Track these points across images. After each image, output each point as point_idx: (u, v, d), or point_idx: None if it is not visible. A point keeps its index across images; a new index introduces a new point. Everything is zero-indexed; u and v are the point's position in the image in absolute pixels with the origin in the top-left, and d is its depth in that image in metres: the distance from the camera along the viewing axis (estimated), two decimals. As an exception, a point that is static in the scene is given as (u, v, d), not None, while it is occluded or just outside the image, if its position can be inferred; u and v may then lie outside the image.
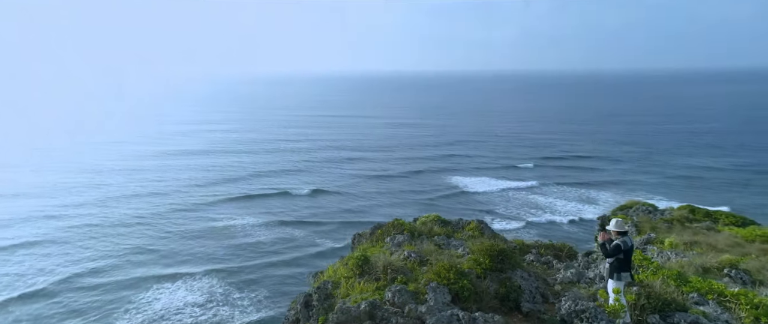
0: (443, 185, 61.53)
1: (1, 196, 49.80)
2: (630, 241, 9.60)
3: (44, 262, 34.69)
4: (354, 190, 58.71)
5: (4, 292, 29.97)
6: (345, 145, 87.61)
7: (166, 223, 44.52)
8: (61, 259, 35.58)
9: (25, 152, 73.99)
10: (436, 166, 71.56)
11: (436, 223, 14.41)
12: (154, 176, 60.59)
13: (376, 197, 56.46)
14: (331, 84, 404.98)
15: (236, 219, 46.22)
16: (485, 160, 76.80)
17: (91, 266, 34.35)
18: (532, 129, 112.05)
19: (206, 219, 46.37)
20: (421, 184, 62.35)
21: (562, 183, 62.31)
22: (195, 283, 32.58)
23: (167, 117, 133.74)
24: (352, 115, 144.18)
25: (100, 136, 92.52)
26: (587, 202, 55.75)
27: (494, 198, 56.48)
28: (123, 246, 38.56)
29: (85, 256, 36.34)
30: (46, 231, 40.62)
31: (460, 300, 9.66)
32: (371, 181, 62.94)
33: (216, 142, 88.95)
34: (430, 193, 57.83)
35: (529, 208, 52.57)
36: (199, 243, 40.27)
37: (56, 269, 33.63)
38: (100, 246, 38.27)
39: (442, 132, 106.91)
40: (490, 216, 50.33)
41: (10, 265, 33.95)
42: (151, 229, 42.49)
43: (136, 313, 29.05)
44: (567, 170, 70.11)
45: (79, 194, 51.50)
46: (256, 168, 66.93)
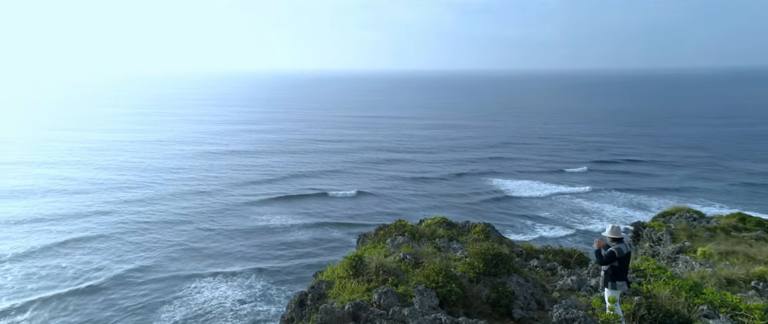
0: (485, 189, 60.35)
1: (56, 191, 53.68)
2: (626, 248, 9.12)
3: (95, 257, 37.21)
4: (393, 192, 58.78)
5: (62, 284, 32.34)
6: (383, 145, 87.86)
7: (208, 222, 46.48)
8: (110, 253, 38.05)
9: (77, 150, 79.38)
10: (478, 168, 70.37)
11: (440, 225, 14.27)
12: (197, 175, 63.44)
13: (414, 200, 56.27)
14: (367, 84, 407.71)
15: (276, 219, 47.55)
16: (530, 163, 74.71)
17: (139, 262, 36.49)
18: (580, 131, 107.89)
19: (246, 218, 47.99)
20: (462, 187, 61.45)
21: (613, 189, 59.61)
22: (235, 280, 33.90)
23: (210, 116, 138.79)
24: (390, 115, 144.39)
25: (146, 135, 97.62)
26: (639, 209, 53.01)
27: (540, 203, 54.77)
28: (167, 242, 40.68)
29: (132, 251, 38.65)
30: (97, 226, 43.55)
31: (448, 304, 9.55)
32: (410, 184, 62.77)
33: (256, 142, 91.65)
34: (471, 197, 56.89)
35: (578, 215, 50.68)
36: (240, 241, 41.74)
37: (105, 264, 36.00)
38: (146, 242, 40.59)
39: (484, 133, 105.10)
40: (535, 222, 49.02)
41: (65, 258, 36.68)
42: (193, 227, 44.55)
43: (179, 305, 30.67)
44: (618, 175, 67.01)
45: (127, 191, 54.86)
46: (296, 168, 68.51)
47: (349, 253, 11.29)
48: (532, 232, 46.56)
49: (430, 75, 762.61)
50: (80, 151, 77.81)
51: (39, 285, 32.04)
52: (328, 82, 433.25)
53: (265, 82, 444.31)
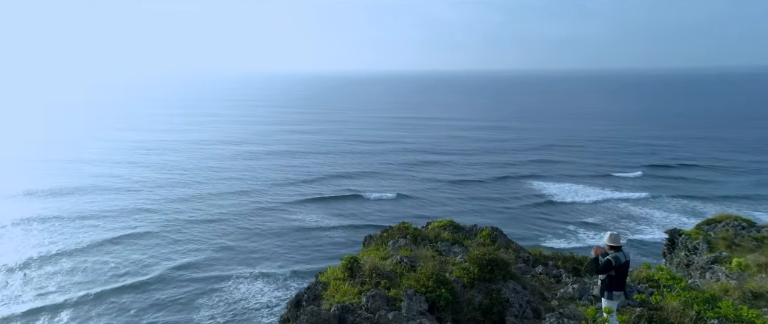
0: (527, 193, 58.61)
1: (104, 189, 56.96)
2: (624, 257, 8.63)
3: (139, 253, 39.27)
4: (429, 195, 58.33)
5: (108, 280, 34.25)
6: (420, 147, 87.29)
7: (246, 221, 47.89)
8: (153, 250, 40.05)
9: (125, 150, 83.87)
10: (519, 171, 68.55)
11: (446, 228, 14.01)
12: (237, 175, 65.54)
13: (451, 203, 55.55)
14: (407, 85, 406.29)
15: (313, 220, 48.32)
16: (575, 166, 72.01)
17: (180, 259, 38.19)
18: (630, 133, 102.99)
19: (284, 219, 49.04)
20: (502, 191, 60.01)
21: (666, 194, 56.49)
22: (271, 279, 34.87)
23: (253, 117, 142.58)
24: (428, 116, 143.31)
25: (190, 135, 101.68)
26: (694, 216, 49.95)
27: (586, 209, 52.63)
28: (207, 240, 42.30)
29: (174, 248, 40.50)
30: (142, 224, 45.91)
31: (437, 309, 9.33)
32: (448, 187, 62.01)
33: (295, 142, 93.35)
34: (511, 202, 55.44)
35: (627, 221, 48.39)
36: (276, 241, 42.74)
37: (149, 260, 37.92)
38: (186, 239, 42.42)
39: (527, 135, 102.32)
40: (579, 229, 47.21)
41: (111, 255, 38.89)
42: (231, 226, 46.07)
43: (218, 300, 31.96)
44: (672, 180, 63.49)
45: (170, 189, 57.55)
46: (333, 169, 69.34)
47: (347, 254, 11.33)
48: (575, 240, 44.74)
49: (471, 75, 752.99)
50: (128, 151, 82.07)
51: (87, 280, 34.11)
52: (368, 84, 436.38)
53: (308, 83, 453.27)
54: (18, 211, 47.85)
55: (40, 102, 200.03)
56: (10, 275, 34.11)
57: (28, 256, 37.32)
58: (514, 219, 50.26)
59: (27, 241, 40.55)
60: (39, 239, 40.92)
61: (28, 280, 33.62)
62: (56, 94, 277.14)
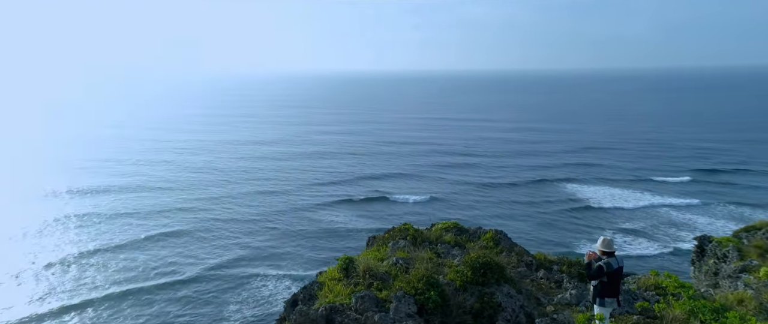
0: (562, 197, 57.07)
1: (140, 188, 59.21)
2: (616, 263, 8.32)
3: (172, 252, 40.75)
4: (460, 198, 57.72)
5: (141, 277, 35.63)
6: (450, 149, 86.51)
7: (275, 221, 48.82)
8: (185, 249, 41.46)
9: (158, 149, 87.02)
10: (553, 175, 66.90)
11: (450, 230, 13.86)
12: (267, 175, 66.89)
13: (483, 207, 54.81)
14: (437, 85, 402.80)
15: (342, 222, 48.79)
16: (616, 170, 69.59)
17: (210, 257, 39.41)
18: (676, 135, 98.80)
19: (312, 220, 49.69)
20: (535, 195, 58.66)
21: (716, 201, 53.58)
22: (299, 280, 35.45)
23: (283, 118, 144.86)
24: (459, 117, 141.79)
25: (221, 136, 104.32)
26: (743, 223, 46.93)
27: (626, 215, 50.80)
28: (237, 240, 43.41)
29: (205, 247, 41.78)
30: (175, 223, 47.57)
31: (426, 312, 9.25)
32: (478, 190, 61.21)
33: (326, 143, 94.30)
34: (544, 206, 54.08)
35: (672, 229, 46.44)
36: (304, 242, 43.38)
37: (181, 259, 39.26)
38: (217, 238, 43.69)
39: (562, 137, 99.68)
40: (619, 236, 45.47)
41: (145, 252, 40.50)
42: (261, 226, 47.09)
43: (247, 297, 32.92)
44: (723, 186, 60.62)
45: (202, 189, 59.41)
46: (361, 170, 69.72)
47: (343, 255, 11.42)
48: (619, 249, 43.16)
49: (503, 75, 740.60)
50: (162, 150, 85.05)
51: (121, 277, 35.62)
52: (399, 84, 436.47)
53: (340, 83, 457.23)
54: (57, 208, 50.58)
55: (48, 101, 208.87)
56: (47, 270, 36.05)
57: (66, 252, 39.37)
58: (547, 224, 49.05)
59: (65, 237, 42.81)
60: (76, 236, 43.11)
61: (65, 275, 35.49)
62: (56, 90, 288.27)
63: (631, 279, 11.96)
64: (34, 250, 39.63)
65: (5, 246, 40.37)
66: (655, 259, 39.73)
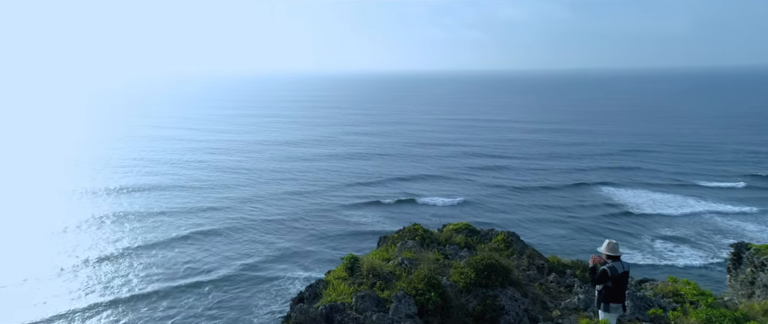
0: (598, 202, 55.46)
1: (170, 187, 61.11)
2: (622, 268, 8.00)
3: (202, 251, 41.84)
4: (490, 201, 56.92)
5: (173, 276, 36.69)
6: (480, 150, 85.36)
7: (303, 222, 49.43)
8: (215, 248, 42.51)
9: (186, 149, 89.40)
10: (589, 178, 65.07)
11: (461, 231, 13.65)
12: (295, 176, 67.78)
13: (514, 211, 53.86)
14: (466, 85, 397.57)
15: (368, 222, 48.95)
16: (656, 174, 67.14)
17: (240, 257, 40.30)
18: (725, 138, 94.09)
19: (339, 221, 50.04)
20: (571, 199, 57.12)
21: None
22: None
23: (311, 118, 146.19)
24: (488, 118, 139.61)
25: (249, 136, 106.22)
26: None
27: (669, 222, 48.84)
28: (265, 240, 44.19)
29: (235, 247, 42.75)
30: (206, 222, 48.89)
31: (426, 313, 9.13)
32: (510, 193, 60.14)
33: (354, 144, 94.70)
34: (579, 211, 52.64)
35: (714, 235, 44.42)
36: (332, 244, 43.75)
37: (211, 258, 40.26)
38: (246, 239, 44.62)
39: (599, 139, 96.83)
40: (663, 244, 43.95)
41: (177, 252, 41.72)
42: (288, 227, 47.77)
43: (275, 295, 33.53)
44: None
45: (233, 189, 60.81)
46: (390, 172, 69.70)
47: (348, 254, 11.43)
48: (653, 255, 41.52)
49: (533, 75, 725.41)
50: (195, 150, 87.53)
51: (153, 275, 36.84)
52: (428, 84, 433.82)
53: (366, 84, 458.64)
54: (95, 205, 52.95)
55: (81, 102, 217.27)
56: (83, 268, 37.73)
57: (101, 250, 41.09)
58: (582, 230, 47.67)
59: (100, 235, 44.73)
60: (111, 233, 44.96)
61: (100, 273, 37.08)
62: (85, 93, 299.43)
63: (648, 285, 11.46)
64: (72, 246, 41.55)
65: (47, 241, 42.56)
66: (700, 270, 37.88)
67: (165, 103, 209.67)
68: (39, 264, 37.40)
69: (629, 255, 41.32)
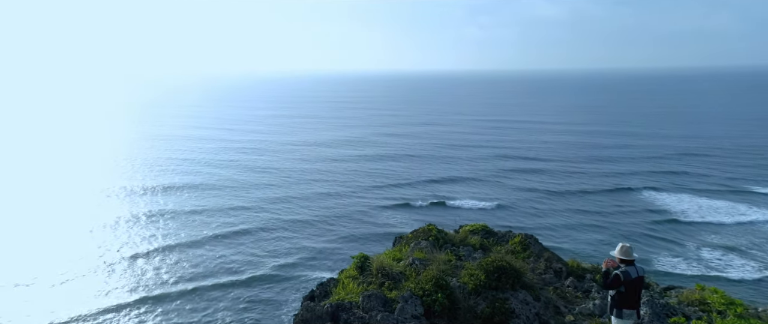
0: (641, 208, 53.55)
1: (205, 187, 62.70)
2: (636, 272, 7.72)
3: (233, 251, 42.70)
4: (524, 205, 55.90)
5: (203, 276, 37.53)
6: (514, 152, 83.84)
7: (332, 224, 49.86)
8: (246, 248, 43.33)
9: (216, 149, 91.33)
10: (631, 183, 63.15)
11: (475, 232, 13.45)
12: (324, 177, 68.40)
13: (549, 215, 52.70)
14: (497, 85, 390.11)
15: (397, 223, 48.92)
16: (705, 179, 64.56)
17: (270, 257, 41.01)
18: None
19: (368, 223, 50.22)
20: (611, 204, 55.34)
21: None
22: None
23: (339, 119, 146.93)
24: (521, 119, 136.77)
25: (279, 137, 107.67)
26: None
27: (720, 230, 46.50)
28: (295, 241, 44.76)
29: (265, 247, 43.52)
30: (238, 222, 49.98)
31: (433, 314, 9.03)
32: (545, 197, 58.83)
33: (383, 145, 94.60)
34: (620, 218, 50.80)
35: None
36: (361, 246, 43.78)
37: (242, 257, 41.02)
38: (277, 238, 45.34)
39: (638, 141, 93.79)
40: (703, 250, 41.97)
41: (207, 251, 42.78)
42: (318, 228, 48.25)
43: (304, 292, 33.98)
44: None
45: (266, 189, 61.96)
46: (420, 174, 69.41)
47: (359, 253, 11.46)
48: (703, 265, 39.70)
49: (570, 74, 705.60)
50: (229, 150, 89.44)
51: (185, 273, 37.82)
52: (459, 84, 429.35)
53: (399, 84, 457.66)
54: (131, 204, 55.03)
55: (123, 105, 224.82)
56: (118, 265, 39.20)
57: (136, 247, 42.63)
58: (623, 237, 45.85)
59: (135, 233, 46.47)
60: (146, 231, 46.60)
61: (134, 271, 38.47)
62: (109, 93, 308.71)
63: (674, 292, 10.97)
64: (108, 244, 43.30)
65: (86, 238, 44.50)
66: (753, 284, 35.87)
67: (197, 103, 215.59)
68: (76, 261, 38.92)
69: (672, 264, 39.68)
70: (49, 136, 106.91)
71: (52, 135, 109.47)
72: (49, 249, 41.64)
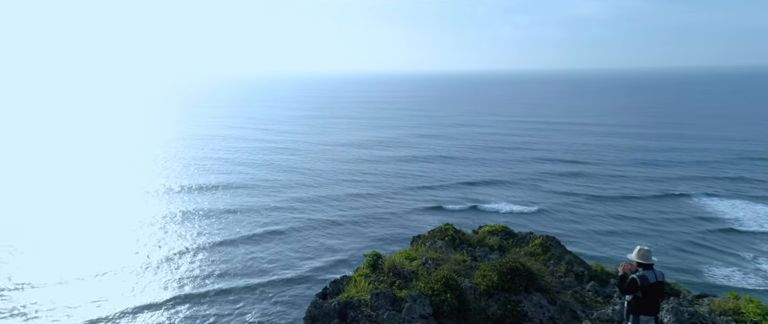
0: (695, 216, 51.36)
1: (239, 187, 63.97)
2: (654, 277, 7.37)
3: (265, 252, 43.44)
4: (563, 210, 54.51)
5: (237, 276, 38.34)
6: (553, 155, 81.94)
7: (363, 226, 50.07)
8: (278, 248, 44.04)
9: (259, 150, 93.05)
10: (684, 189, 60.73)
11: (495, 233, 13.18)
12: (357, 178, 68.71)
13: (589, 221, 51.27)
14: (537, 85, 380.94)
15: (429, 227, 48.39)
16: None
17: (303, 258, 41.60)
18: None
19: (401, 226, 50.11)
20: (660, 212, 53.11)
21: None
22: None
23: (376, 119, 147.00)
24: (561, 121, 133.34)
25: (315, 137, 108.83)
26: None
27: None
28: (326, 242, 45.21)
29: (297, 247, 44.14)
30: (271, 222, 50.83)
31: (442, 314, 8.89)
32: (588, 203, 57.19)
33: (419, 146, 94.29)
34: (671, 226, 48.70)
35: None
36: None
37: (275, 257, 41.75)
38: (309, 238, 45.93)
39: (694, 145, 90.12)
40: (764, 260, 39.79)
41: (241, 251, 43.57)
42: (349, 230, 48.61)
43: None
44: None
45: (298, 190, 62.84)
46: (455, 176, 68.76)
47: (372, 251, 11.45)
48: (759, 277, 37.66)
49: (613, 73, 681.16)
50: (263, 150, 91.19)
51: (219, 273, 38.72)
52: (496, 84, 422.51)
53: (431, 84, 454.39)
54: (167, 203, 56.96)
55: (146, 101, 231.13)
56: (154, 263, 40.42)
57: (170, 246, 43.95)
58: (673, 247, 44.05)
59: (171, 231, 48.05)
60: (182, 230, 48.06)
61: (169, 268, 39.75)
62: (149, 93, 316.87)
63: (706, 300, 10.40)
64: (144, 240, 44.95)
65: (123, 235, 46.36)
66: None
67: (231, 104, 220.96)
68: (113, 258, 40.39)
69: (726, 275, 37.77)
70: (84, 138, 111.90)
71: (87, 136, 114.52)
72: (89, 246, 43.52)
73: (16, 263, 39.67)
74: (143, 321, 31.66)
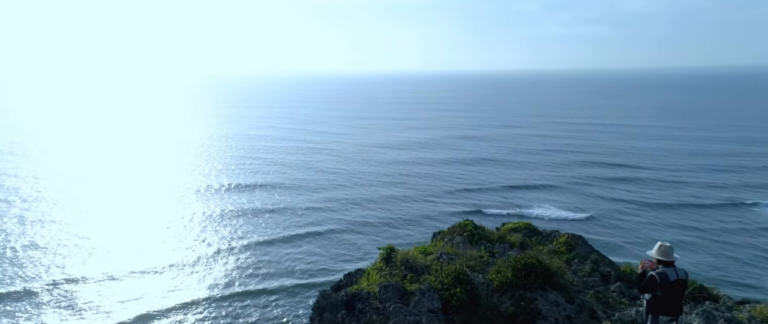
0: (760, 226, 48.33)
1: (277, 187, 65.03)
2: (675, 275, 6.96)
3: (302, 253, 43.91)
4: (612, 217, 52.47)
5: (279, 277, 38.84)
6: (604, 159, 79.06)
7: (398, 229, 49.97)
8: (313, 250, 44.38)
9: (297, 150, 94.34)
10: (750, 197, 57.12)
11: (517, 230, 12.77)
12: (394, 180, 68.60)
13: (642, 230, 49.07)
14: (585, 85, 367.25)
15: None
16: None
17: (338, 259, 41.98)
18: None
19: (437, 228, 49.44)
20: (721, 221, 50.47)
21: None
22: None
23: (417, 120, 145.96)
24: (612, 122, 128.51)
25: (353, 139, 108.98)
26: None
27: None
28: (361, 244, 45.44)
29: (333, 248, 44.49)
30: (307, 223, 51.42)
31: (451, 309, 8.64)
32: (640, 210, 54.80)
33: (460, 148, 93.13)
34: (729, 236, 46.05)
35: None
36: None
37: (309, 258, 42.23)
38: (344, 240, 46.22)
39: (759, 148, 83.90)
40: None
41: (277, 252, 44.21)
42: (390, 233, 48.44)
43: None
44: None
45: (335, 191, 63.40)
46: (495, 180, 67.56)
47: (387, 245, 11.36)
48: None
49: (665, 72, 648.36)
50: (302, 151, 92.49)
51: (257, 274, 39.40)
52: (536, 84, 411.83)
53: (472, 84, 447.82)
54: (206, 202, 58.76)
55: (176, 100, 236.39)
56: (191, 263, 41.60)
57: (208, 245, 44.96)
58: (734, 259, 41.64)
59: (209, 230, 49.37)
60: (220, 228, 49.30)
61: (206, 268, 40.73)
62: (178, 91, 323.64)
63: (748, 307, 9.68)
64: (183, 240, 46.51)
65: (162, 234, 48.05)
66: None
67: (272, 103, 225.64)
68: (150, 258, 41.62)
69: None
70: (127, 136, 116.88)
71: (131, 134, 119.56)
72: (131, 243, 45.29)
73: (68, 257, 41.84)
74: (184, 318, 32.68)
